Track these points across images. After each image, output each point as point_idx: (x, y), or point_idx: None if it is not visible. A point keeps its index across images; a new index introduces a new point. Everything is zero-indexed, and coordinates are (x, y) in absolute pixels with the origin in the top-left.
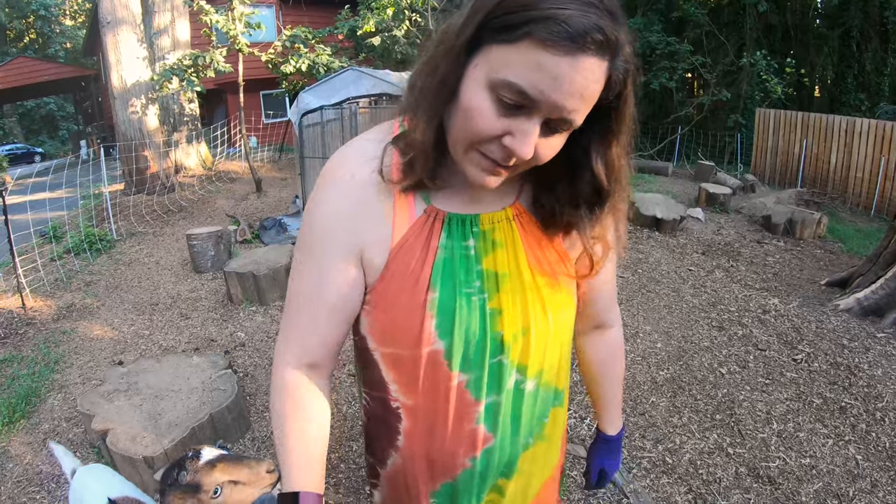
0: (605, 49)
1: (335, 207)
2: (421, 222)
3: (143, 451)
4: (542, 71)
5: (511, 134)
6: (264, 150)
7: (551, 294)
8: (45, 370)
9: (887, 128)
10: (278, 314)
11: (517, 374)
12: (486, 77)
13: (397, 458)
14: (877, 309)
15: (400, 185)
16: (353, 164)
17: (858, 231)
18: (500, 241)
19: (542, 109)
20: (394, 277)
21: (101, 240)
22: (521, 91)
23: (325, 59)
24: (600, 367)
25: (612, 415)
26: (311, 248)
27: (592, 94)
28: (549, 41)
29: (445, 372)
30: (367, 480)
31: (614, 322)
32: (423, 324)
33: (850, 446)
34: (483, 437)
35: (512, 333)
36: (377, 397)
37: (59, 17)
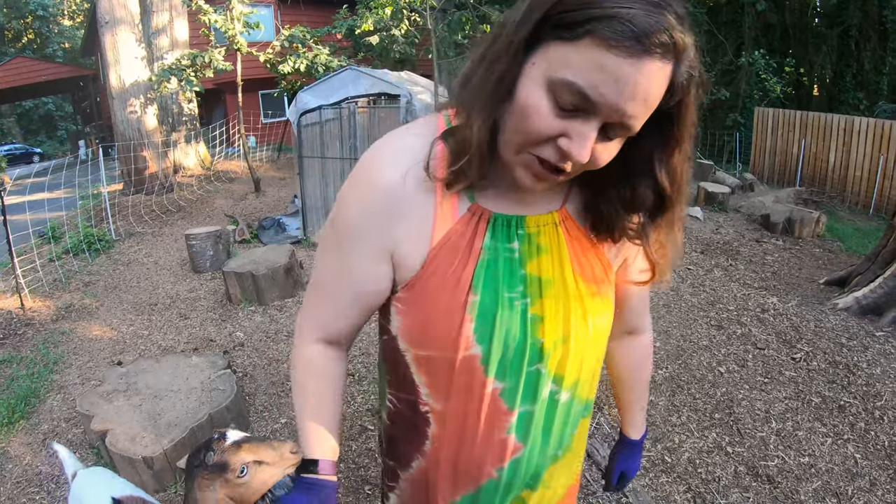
0: (670, 52)
1: (368, 202)
2: (465, 221)
3: (143, 451)
4: (604, 72)
5: (567, 136)
6: (263, 149)
7: (593, 303)
8: (44, 371)
9: (886, 126)
10: (277, 314)
11: (553, 385)
12: (544, 76)
13: (422, 462)
14: (875, 308)
15: (446, 182)
16: (392, 158)
17: (857, 230)
18: (545, 245)
19: (601, 113)
20: (433, 277)
21: (99, 240)
22: (580, 92)
23: (323, 58)
24: (629, 373)
25: (637, 418)
26: (339, 238)
27: (654, 100)
28: (612, 41)
29: (480, 378)
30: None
31: (646, 328)
32: (462, 327)
33: (848, 445)
34: (513, 447)
35: (552, 341)
36: (405, 399)
37: (57, 18)
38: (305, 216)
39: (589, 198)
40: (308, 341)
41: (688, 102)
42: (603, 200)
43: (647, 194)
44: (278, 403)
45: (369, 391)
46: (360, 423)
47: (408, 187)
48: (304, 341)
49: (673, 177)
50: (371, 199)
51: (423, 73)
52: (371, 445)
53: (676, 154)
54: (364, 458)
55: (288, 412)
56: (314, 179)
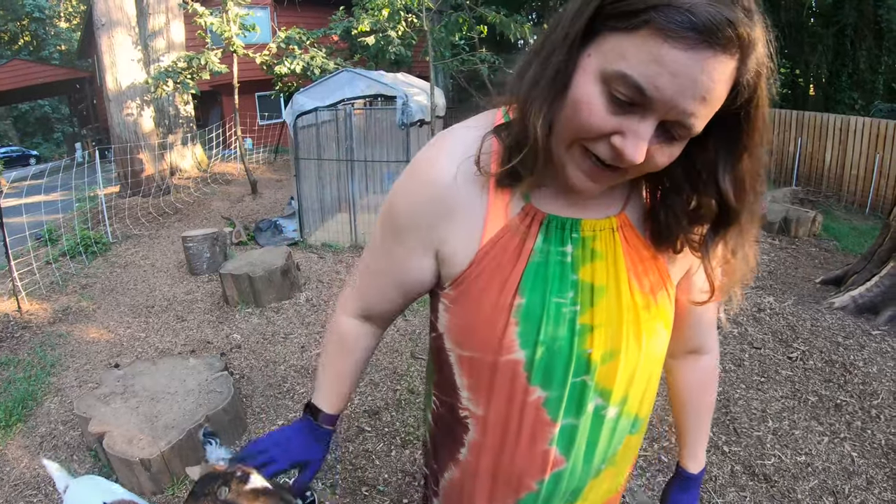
0: (734, 46)
1: (417, 197)
2: (517, 221)
3: (140, 453)
4: (661, 65)
5: (622, 133)
6: (259, 151)
7: (648, 317)
8: (42, 373)
9: (882, 126)
10: (274, 316)
11: (599, 399)
12: (599, 68)
13: (455, 473)
14: (872, 306)
15: (498, 178)
16: (447, 154)
17: (853, 229)
18: (600, 251)
19: (657, 109)
20: (481, 276)
21: (96, 242)
22: (635, 86)
23: (319, 60)
24: (689, 396)
25: (696, 450)
26: (388, 226)
27: (716, 98)
28: (670, 31)
29: (523, 385)
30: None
31: (711, 348)
32: (506, 330)
33: (845, 443)
34: (554, 459)
35: (600, 354)
36: (446, 403)
37: (53, 20)
38: (302, 218)
39: (649, 204)
40: (348, 312)
41: (757, 104)
42: (663, 208)
43: (710, 204)
44: (275, 405)
45: (366, 392)
46: (357, 424)
47: (459, 184)
48: (344, 312)
49: (740, 186)
50: (420, 194)
51: (420, 74)
52: (368, 446)
53: (745, 161)
54: (361, 459)
55: (285, 413)
56: (311, 181)
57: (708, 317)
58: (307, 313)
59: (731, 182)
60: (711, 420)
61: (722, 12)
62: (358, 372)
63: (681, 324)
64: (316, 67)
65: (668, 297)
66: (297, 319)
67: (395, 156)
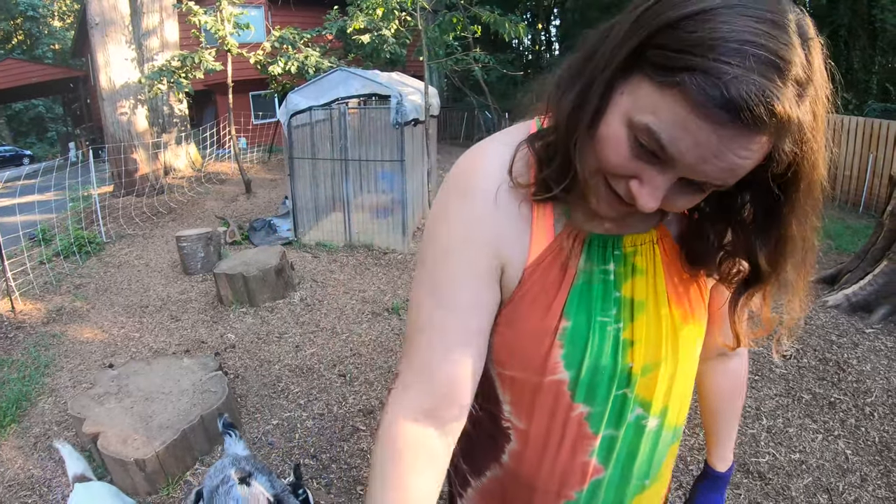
0: (769, 126)
1: (468, 214)
2: (560, 241)
3: (134, 453)
4: (686, 132)
5: (639, 179)
6: (254, 151)
7: (685, 328)
8: (36, 374)
9: (875, 125)
10: (268, 315)
11: (639, 409)
12: (628, 112)
13: (499, 473)
14: (865, 305)
15: (534, 192)
16: (488, 169)
17: (847, 228)
18: (640, 266)
19: (678, 168)
20: (524, 298)
21: (90, 242)
22: (659, 144)
23: (314, 59)
24: (720, 399)
25: (725, 450)
26: (439, 268)
27: (744, 171)
28: (698, 102)
29: (567, 403)
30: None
31: (741, 351)
32: (550, 353)
33: (839, 441)
34: (593, 469)
35: (641, 366)
36: (487, 410)
37: (47, 19)
38: (296, 217)
39: (685, 227)
40: (403, 415)
41: (802, 174)
42: (697, 233)
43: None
44: (270, 405)
45: (360, 391)
46: (352, 423)
47: (504, 200)
48: (398, 415)
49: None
50: (472, 207)
51: (414, 73)
52: (363, 446)
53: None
54: (356, 458)
55: (279, 413)
56: (305, 180)
57: None
58: (301, 313)
59: (765, 246)
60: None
61: (762, 89)
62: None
63: (714, 325)
64: (310, 67)
65: (703, 307)
66: (292, 319)
67: (390, 155)
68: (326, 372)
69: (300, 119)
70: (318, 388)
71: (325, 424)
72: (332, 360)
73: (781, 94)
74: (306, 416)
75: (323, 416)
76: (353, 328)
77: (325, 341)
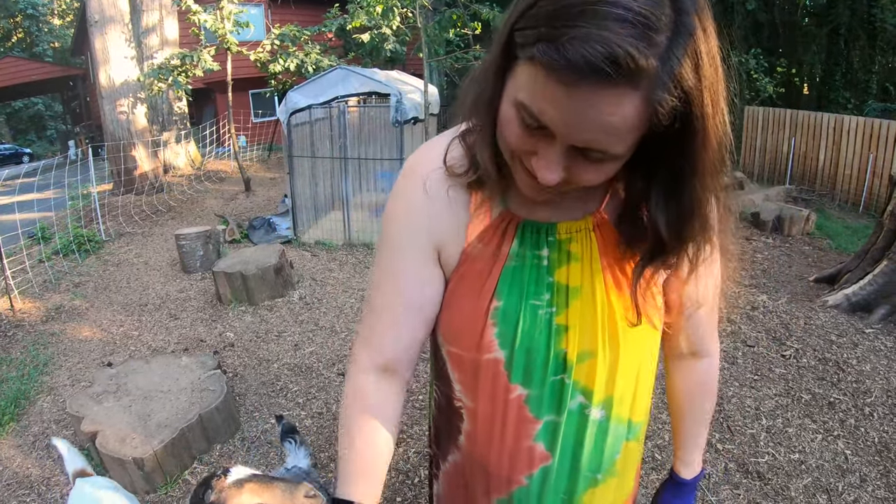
0: (626, 79)
1: (411, 205)
2: (494, 226)
3: (133, 452)
4: (545, 100)
5: (536, 155)
6: (253, 149)
7: (627, 317)
8: (34, 372)
9: (875, 125)
10: (267, 314)
11: (581, 398)
12: (511, 94)
13: (458, 457)
14: (865, 305)
15: (466, 178)
16: (428, 161)
17: (847, 227)
18: (575, 253)
19: (559, 137)
20: (462, 280)
21: (89, 241)
22: (533, 116)
23: (313, 57)
24: (686, 399)
25: (691, 455)
26: (388, 246)
27: (622, 127)
28: (549, 67)
29: (504, 383)
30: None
31: (711, 352)
32: (484, 331)
33: (838, 441)
34: (540, 454)
35: (577, 353)
36: (444, 393)
37: (46, 17)
38: (295, 216)
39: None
40: (360, 369)
41: (694, 130)
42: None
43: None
44: (268, 403)
45: None
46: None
47: (443, 189)
48: (357, 369)
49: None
50: (413, 199)
51: (414, 72)
52: None
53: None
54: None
55: (278, 412)
56: (304, 179)
57: (706, 319)
58: (300, 311)
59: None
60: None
61: (605, 45)
62: (389, 440)
63: (679, 324)
64: (310, 65)
65: (652, 300)
66: (291, 317)
67: (389, 154)
68: (325, 370)
69: (300, 117)
70: (317, 387)
71: (324, 423)
72: (332, 359)
73: (626, 45)
74: (305, 414)
75: (322, 414)
76: (352, 327)
77: (324, 340)
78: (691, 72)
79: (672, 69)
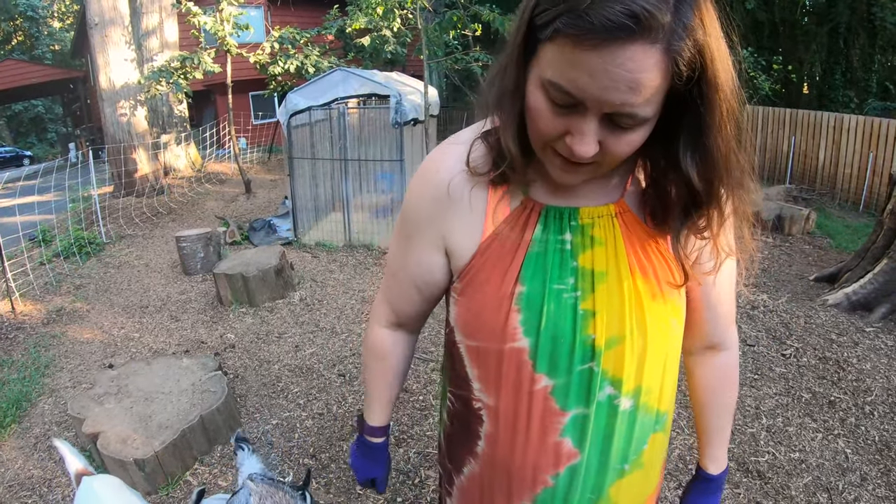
0: (646, 33)
1: (422, 197)
2: (516, 214)
3: (134, 453)
4: (577, 68)
5: (570, 133)
6: (254, 151)
7: (652, 303)
8: (36, 374)
9: (875, 124)
10: (268, 315)
11: (610, 388)
12: (538, 77)
13: (475, 467)
14: (865, 303)
15: (488, 176)
16: (444, 158)
17: (847, 226)
18: (599, 238)
19: (591, 107)
20: (483, 267)
21: (90, 243)
22: (563, 90)
23: (313, 59)
24: (708, 394)
25: (717, 450)
26: (402, 229)
27: (649, 84)
28: (575, 37)
29: (529, 373)
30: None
31: (730, 344)
32: (508, 318)
33: (839, 440)
34: (567, 451)
35: (605, 339)
36: (460, 396)
37: (46, 19)
38: (296, 217)
39: (644, 188)
40: (377, 323)
41: (709, 81)
42: (653, 190)
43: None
44: (269, 405)
45: (360, 391)
46: (352, 423)
47: (456, 182)
48: (374, 323)
49: (709, 164)
50: (426, 191)
51: (414, 73)
52: None
53: (710, 137)
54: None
55: (279, 413)
56: (304, 180)
57: (724, 310)
58: (301, 312)
59: (694, 161)
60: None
61: (626, 5)
62: (397, 379)
63: (695, 316)
64: (310, 66)
65: (674, 283)
66: (291, 319)
67: (389, 155)
68: (326, 372)
69: (299, 119)
70: (318, 388)
71: (325, 424)
72: (332, 360)
73: (643, 2)
74: (306, 415)
75: (322, 415)
76: (352, 328)
77: (324, 341)
78: (699, 23)
79: (683, 21)
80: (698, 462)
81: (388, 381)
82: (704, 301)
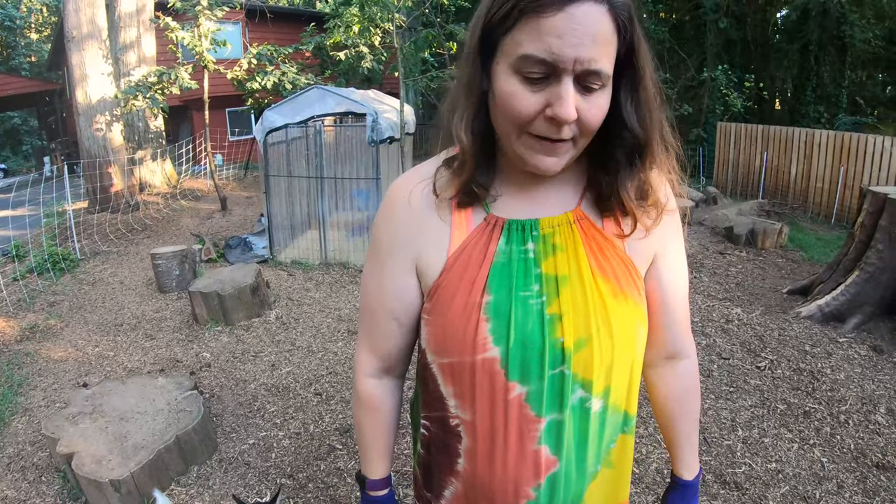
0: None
1: (390, 222)
2: (480, 229)
3: (109, 474)
4: (548, 35)
5: (550, 104)
6: (230, 167)
7: (615, 304)
8: (9, 393)
9: (846, 138)
10: (244, 334)
11: (581, 391)
12: (508, 64)
13: (457, 487)
14: (838, 315)
15: (453, 198)
16: (408, 183)
17: (819, 239)
18: (560, 244)
19: (566, 68)
20: (450, 282)
21: (64, 259)
22: (538, 60)
23: (291, 75)
24: (675, 405)
25: (688, 457)
26: (375, 259)
27: (604, 36)
28: (539, 9)
29: (502, 382)
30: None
31: (689, 352)
32: (478, 328)
33: (815, 449)
34: (546, 460)
35: (573, 341)
36: (436, 418)
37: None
38: (272, 235)
39: (599, 188)
40: (363, 374)
41: (637, 39)
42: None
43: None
44: (246, 424)
45: (337, 410)
46: (329, 442)
47: (422, 206)
48: (360, 375)
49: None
50: (395, 217)
51: (390, 91)
52: (340, 465)
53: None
54: (333, 477)
55: (255, 432)
56: (280, 198)
57: (680, 315)
58: (277, 331)
59: (633, 107)
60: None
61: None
62: (391, 429)
63: (654, 322)
64: (287, 82)
65: (635, 286)
66: (268, 337)
67: (365, 173)
68: (302, 391)
69: (276, 137)
70: (295, 407)
71: (302, 443)
72: (308, 379)
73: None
74: (282, 435)
75: (299, 434)
76: (328, 346)
77: (300, 360)
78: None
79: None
80: (672, 471)
81: (383, 433)
82: (661, 304)
